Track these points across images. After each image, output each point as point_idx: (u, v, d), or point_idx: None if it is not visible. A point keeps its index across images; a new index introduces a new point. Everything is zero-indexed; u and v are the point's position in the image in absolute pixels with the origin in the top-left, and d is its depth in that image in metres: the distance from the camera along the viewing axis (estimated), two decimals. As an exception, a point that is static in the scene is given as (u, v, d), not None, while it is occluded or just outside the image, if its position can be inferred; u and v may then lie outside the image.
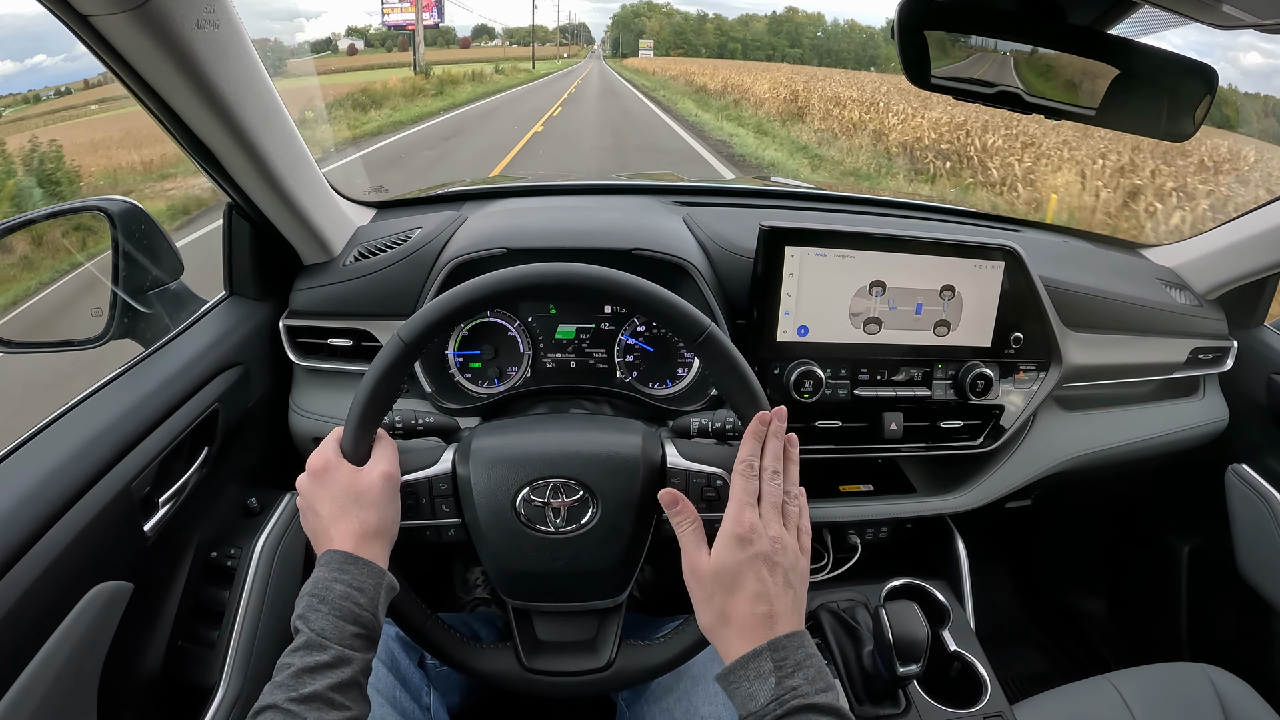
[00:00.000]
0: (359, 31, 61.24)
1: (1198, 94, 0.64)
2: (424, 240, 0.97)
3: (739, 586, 0.56)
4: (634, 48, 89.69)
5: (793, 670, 0.52)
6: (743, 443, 0.61)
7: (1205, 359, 1.19)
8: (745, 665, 0.53)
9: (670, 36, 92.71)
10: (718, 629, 0.57)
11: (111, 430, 0.70)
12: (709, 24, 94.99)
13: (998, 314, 0.98)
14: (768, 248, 0.90)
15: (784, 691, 0.51)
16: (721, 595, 0.56)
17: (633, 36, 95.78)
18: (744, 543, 0.56)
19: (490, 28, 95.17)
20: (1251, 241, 1.12)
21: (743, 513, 0.57)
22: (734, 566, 0.56)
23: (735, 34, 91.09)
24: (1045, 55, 0.68)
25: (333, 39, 51.56)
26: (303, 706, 0.48)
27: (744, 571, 0.56)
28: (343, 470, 0.60)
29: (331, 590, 0.54)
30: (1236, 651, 1.22)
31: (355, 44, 37.42)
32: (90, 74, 11.49)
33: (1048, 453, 1.09)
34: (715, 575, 0.57)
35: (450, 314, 0.61)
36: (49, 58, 12.82)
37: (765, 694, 0.51)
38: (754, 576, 0.55)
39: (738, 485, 0.59)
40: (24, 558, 0.58)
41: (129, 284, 0.88)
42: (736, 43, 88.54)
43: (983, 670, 0.90)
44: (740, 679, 0.53)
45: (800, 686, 0.51)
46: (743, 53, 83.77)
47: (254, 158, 0.76)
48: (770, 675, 0.52)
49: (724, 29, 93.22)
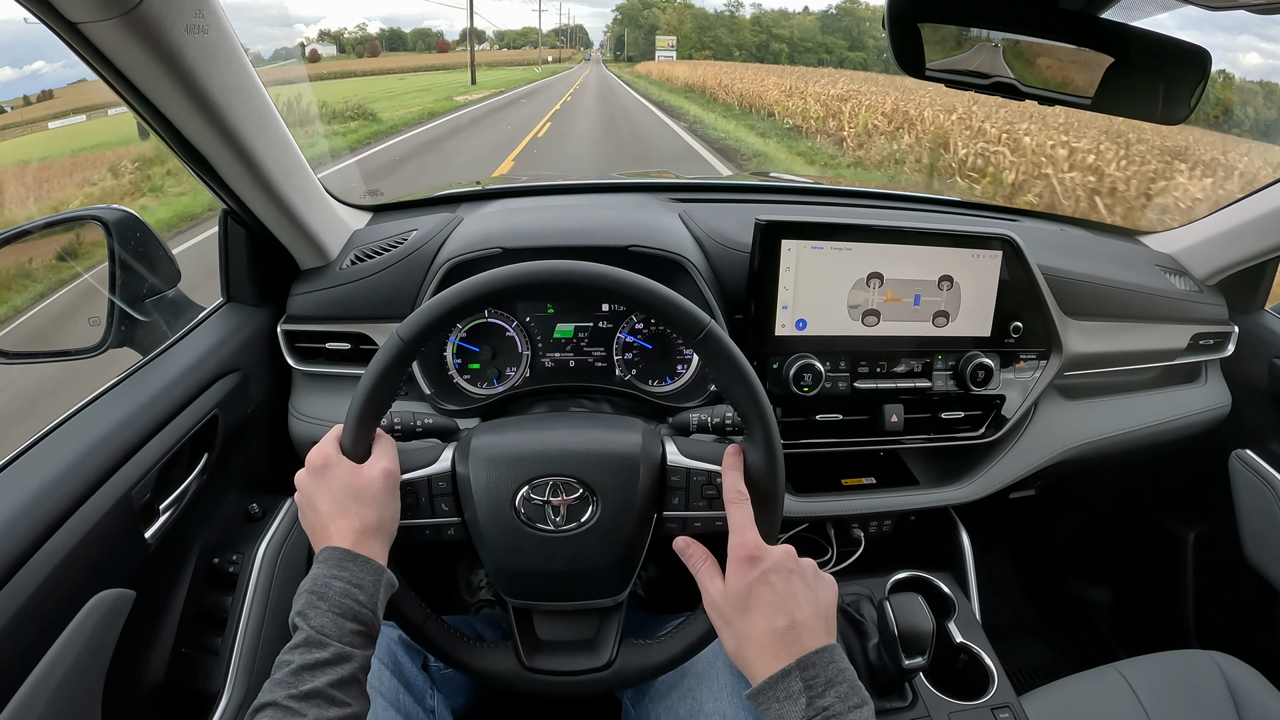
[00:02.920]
0: (332, 36, 59.89)
1: (1193, 77, 0.64)
2: (420, 242, 0.97)
3: (753, 604, 0.56)
4: (645, 48, 72.82)
5: (824, 689, 0.51)
6: (724, 475, 0.62)
7: (1206, 344, 1.18)
8: (774, 686, 0.52)
9: (694, 33, 72.66)
10: (741, 652, 0.56)
11: (111, 438, 0.70)
12: (744, 19, 74.13)
13: (997, 303, 0.97)
14: (764, 242, 0.90)
15: (815, 713, 0.50)
16: (738, 618, 0.56)
17: (641, 34, 78.27)
18: (753, 562, 0.56)
19: (479, 31, 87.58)
20: (1250, 225, 1.12)
21: (745, 536, 0.58)
22: (745, 586, 0.56)
23: (779, 31, 70.54)
24: (1039, 43, 0.68)
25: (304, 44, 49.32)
26: (302, 704, 0.48)
27: (756, 588, 0.56)
28: (342, 467, 0.60)
29: (330, 587, 0.54)
30: (1244, 637, 1.22)
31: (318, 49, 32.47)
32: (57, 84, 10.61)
33: (1050, 442, 1.08)
34: (728, 600, 0.57)
35: (449, 312, 0.61)
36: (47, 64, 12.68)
37: (796, 715, 0.50)
38: (767, 590, 0.55)
39: (734, 514, 0.60)
40: (24, 566, 0.58)
41: (126, 292, 0.88)
42: (781, 43, 69.00)
43: (989, 661, 0.90)
44: (770, 699, 0.52)
45: (833, 705, 0.50)
46: (789, 55, 65.09)
47: (247, 163, 0.76)
48: (800, 696, 0.51)
49: (764, 24, 72.06)
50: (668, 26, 73.22)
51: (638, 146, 11.77)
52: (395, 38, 72.87)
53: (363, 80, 28.88)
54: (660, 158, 10.66)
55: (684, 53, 65.45)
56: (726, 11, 76.55)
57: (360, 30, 63.62)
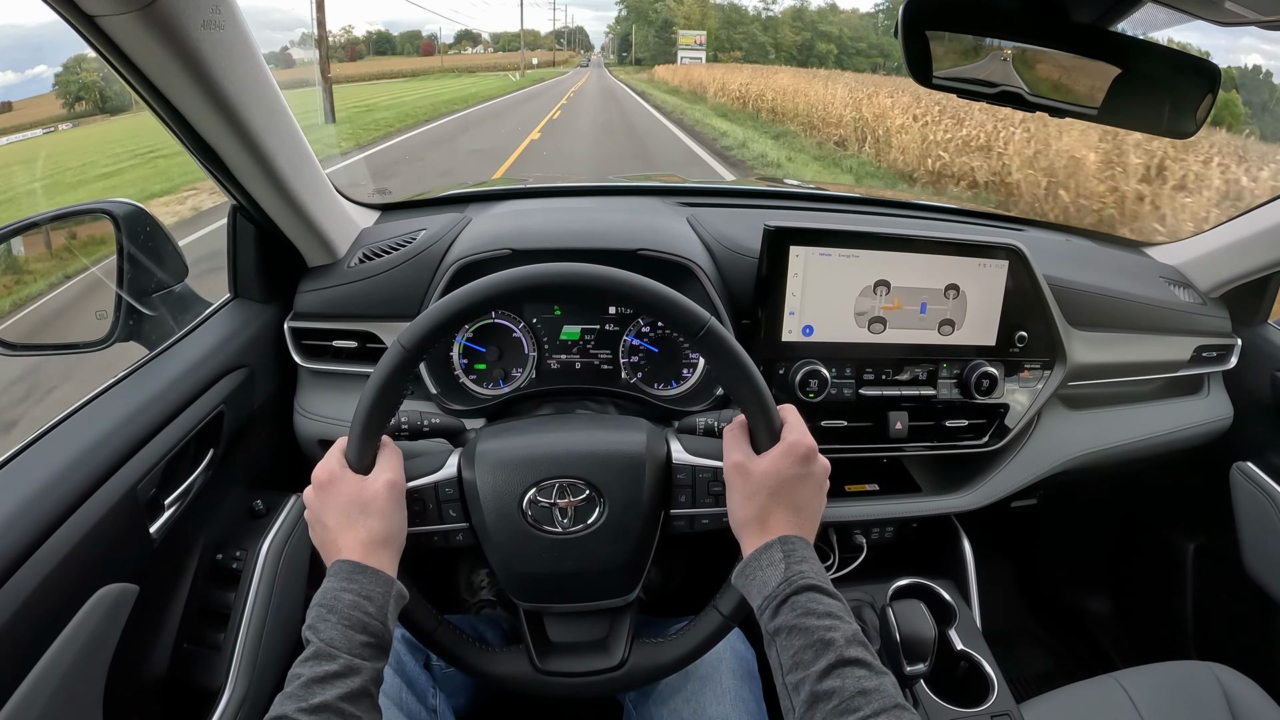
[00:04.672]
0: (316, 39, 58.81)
1: (1200, 91, 0.64)
2: (428, 242, 0.97)
3: (788, 496, 0.59)
4: (657, 49, 59.08)
5: (800, 560, 0.57)
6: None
7: (1209, 357, 1.19)
8: (759, 557, 0.58)
9: (720, 29, 57.00)
10: (750, 525, 0.60)
11: (117, 433, 0.70)
12: (783, 13, 56.71)
13: (1002, 313, 0.98)
14: (772, 248, 0.90)
15: (793, 574, 0.55)
16: (767, 497, 0.59)
17: (651, 31, 63.19)
18: (807, 460, 0.60)
19: (475, 33, 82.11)
20: (1255, 239, 1.12)
21: (805, 435, 0.61)
22: (791, 475, 0.59)
23: (825, 28, 53.83)
24: (1047, 54, 0.68)
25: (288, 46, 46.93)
26: (313, 717, 0.48)
27: (798, 486, 0.60)
28: (347, 481, 0.60)
29: (340, 600, 0.54)
30: (1243, 649, 1.22)
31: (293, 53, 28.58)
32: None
33: (1052, 451, 1.09)
34: (769, 476, 0.60)
35: (449, 318, 0.61)
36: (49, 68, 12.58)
37: (776, 578, 0.56)
38: (806, 492, 0.60)
39: (793, 414, 0.63)
40: (30, 560, 0.58)
41: (134, 287, 0.88)
42: (829, 42, 53.04)
43: (989, 669, 0.90)
44: (755, 569, 0.57)
45: (807, 571, 0.56)
46: (837, 58, 50.33)
47: (259, 159, 0.76)
48: (781, 562, 0.56)
49: (806, 20, 55.27)
50: (686, 21, 58.09)
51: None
52: (383, 40, 70.81)
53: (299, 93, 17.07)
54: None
55: (709, 54, 52.05)
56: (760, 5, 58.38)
57: (346, 32, 62.36)
